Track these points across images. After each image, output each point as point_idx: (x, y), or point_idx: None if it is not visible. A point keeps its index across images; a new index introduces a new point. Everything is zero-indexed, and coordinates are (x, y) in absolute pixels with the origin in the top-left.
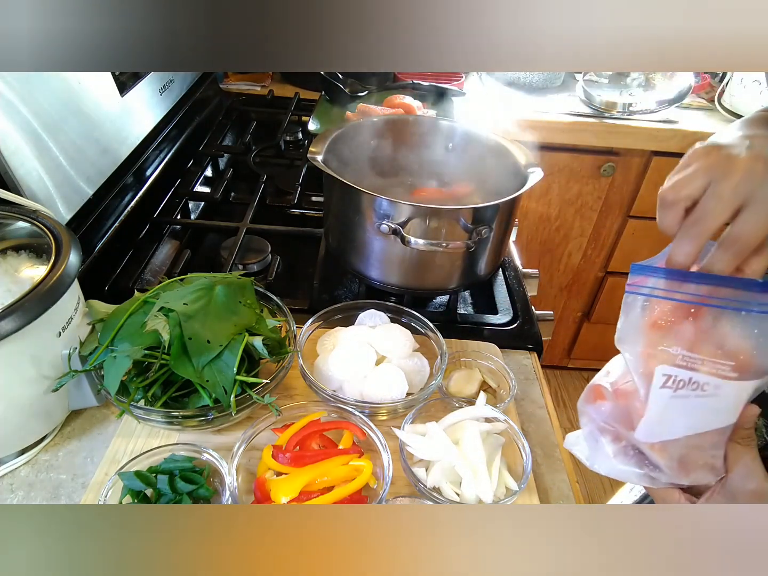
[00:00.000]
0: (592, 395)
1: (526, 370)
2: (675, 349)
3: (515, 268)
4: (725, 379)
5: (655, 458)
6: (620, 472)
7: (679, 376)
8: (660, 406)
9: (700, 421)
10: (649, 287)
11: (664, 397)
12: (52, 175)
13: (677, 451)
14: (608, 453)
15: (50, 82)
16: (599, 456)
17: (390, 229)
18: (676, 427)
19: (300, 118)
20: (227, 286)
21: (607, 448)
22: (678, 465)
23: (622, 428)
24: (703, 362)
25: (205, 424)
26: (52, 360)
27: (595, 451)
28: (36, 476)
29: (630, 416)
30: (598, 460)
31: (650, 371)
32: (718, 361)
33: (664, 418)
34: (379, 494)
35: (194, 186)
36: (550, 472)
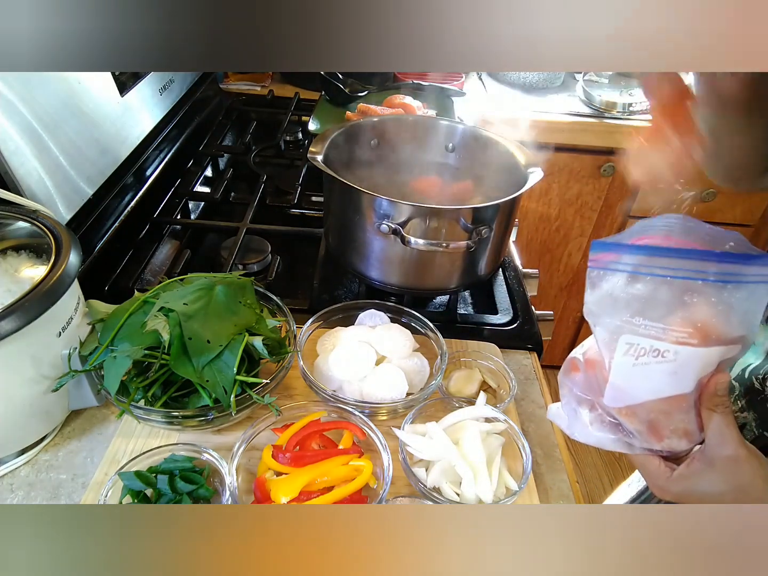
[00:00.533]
0: (570, 367)
1: (526, 370)
2: (637, 319)
3: (515, 268)
4: (685, 345)
5: (626, 424)
6: (597, 438)
7: (641, 344)
8: (622, 373)
9: (661, 386)
10: (611, 262)
11: (626, 365)
12: (52, 175)
13: (645, 416)
14: (585, 421)
15: (50, 82)
16: (577, 425)
17: (390, 229)
18: (638, 391)
19: (300, 118)
20: (227, 286)
21: (584, 417)
22: (648, 430)
23: (594, 396)
24: (665, 331)
25: (205, 424)
26: (52, 360)
27: (574, 420)
28: (36, 476)
29: (599, 384)
30: (577, 428)
31: (615, 341)
32: (677, 329)
33: (626, 384)
34: (379, 494)
35: (194, 186)
36: (550, 472)
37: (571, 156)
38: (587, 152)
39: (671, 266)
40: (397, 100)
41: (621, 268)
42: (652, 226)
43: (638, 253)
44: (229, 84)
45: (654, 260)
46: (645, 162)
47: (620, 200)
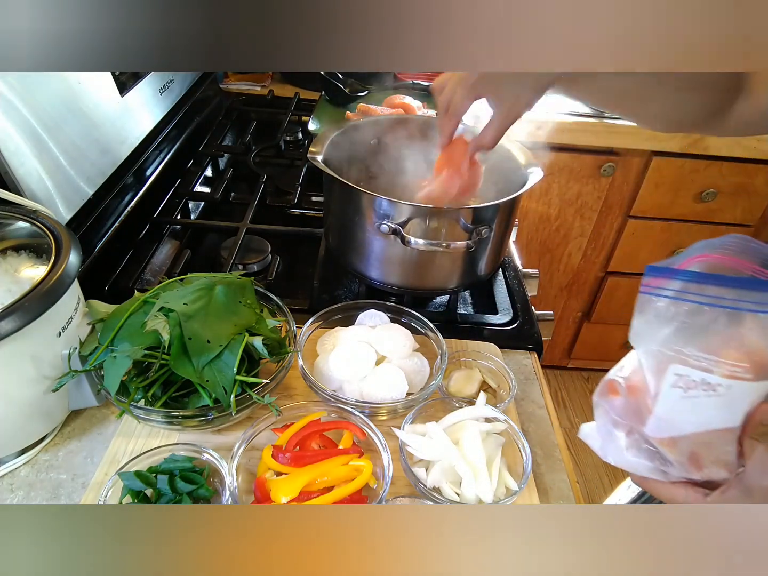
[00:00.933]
0: (607, 389)
1: (526, 370)
2: (689, 349)
3: (515, 268)
4: (739, 380)
5: (665, 453)
6: (632, 464)
7: (691, 376)
8: (669, 405)
9: (709, 419)
10: (664, 288)
11: (675, 397)
12: (52, 175)
13: (687, 447)
14: (621, 445)
15: (50, 82)
16: (611, 448)
17: (390, 229)
18: (684, 424)
19: (300, 118)
20: (227, 286)
21: (619, 441)
22: (688, 460)
23: (634, 423)
24: (718, 363)
25: (205, 424)
26: (52, 360)
27: (608, 442)
28: (36, 476)
29: (641, 411)
30: (610, 451)
31: (663, 370)
32: (732, 362)
33: (673, 416)
34: (379, 494)
35: (194, 186)
36: (550, 472)
37: (571, 156)
38: (587, 152)
39: (729, 296)
40: (397, 100)
41: (674, 295)
42: (712, 245)
43: (694, 280)
44: (229, 84)
45: (710, 289)
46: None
47: (620, 200)
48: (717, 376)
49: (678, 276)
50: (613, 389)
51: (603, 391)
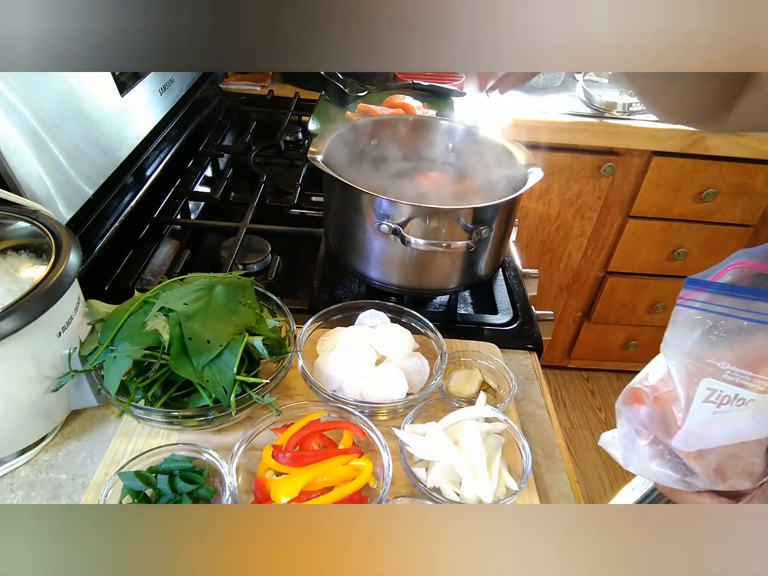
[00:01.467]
0: (631, 397)
1: (526, 370)
2: (723, 363)
3: (515, 268)
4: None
5: (691, 465)
6: (655, 474)
7: (724, 391)
8: (700, 419)
9: (740, 433)
10: (700, 301)
11: (706, 412)
12: (52, 175)
13: (714, 459)
14: (644, 455)
15: (50, 82)
16: (634, 457)
17: (390, 229)
18: (714, 437)
19: (300, 118)
20: (227, 286)
21: (643, 451)
22: (714, 472)
23: (659, 433)
24: (752, 379)
25: (205, 424)
26: (52, 360)
27: (631, 452)
28: (36, 476)
29: (668, 422)
30: (633, 460)
31: (694, 383)
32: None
33: (703, 430)
34: (379, 494)
35: (194, 186)
36: (550, 472)
37: (571, 156)
38: (587, 152)
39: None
40: (397, 100)
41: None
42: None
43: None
44: (229, 84)
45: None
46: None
47: (620, 200)
48: (751, 391)
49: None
50: (638, 398)
51: (627, 399)
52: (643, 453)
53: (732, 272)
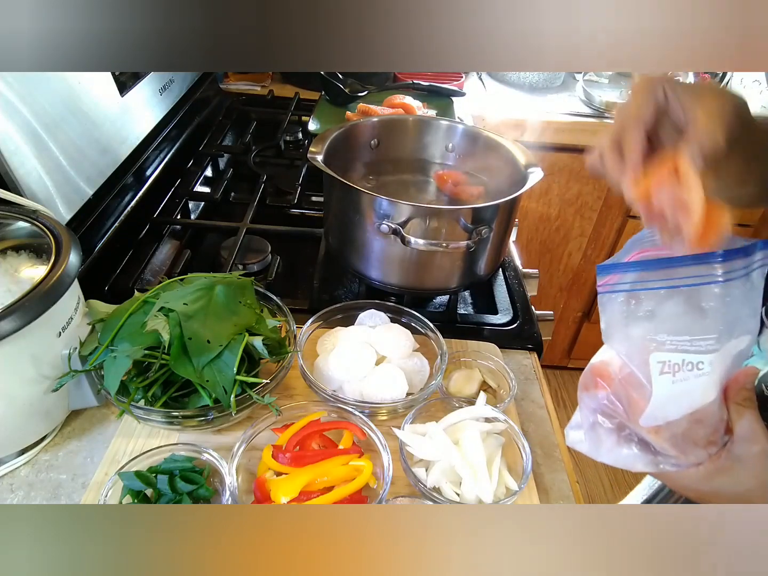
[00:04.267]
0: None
1: (526, 370)
2: (661, 336)
3: (515, 268)
4: (714, 353)
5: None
6: (626, 460)
7: (672, 359)
8: (664, 393)
9: (699, 397)
10: (619, 283)
11: (666, 384)
12: (52, 175)
13: (680, 428)
14: (612, 443)
15: (50, 82)
16: (603, 448)
17: (390, 229)
18: (679, 407)
19: (300, 118)
20: (227, 286)
21: (611, 438)
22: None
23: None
24: (691, 342)
25: (205, 424)
26: (52, 360)
27: (598, 443)
28: (36, 476)
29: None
30: (603, 452)
31: (645, 361)
32: (702, 337)
33: (668, 402)
34: (379, 494)
35: (194, 186)
36: (550, 472)
37: (571, 156)
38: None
39: (680, 276)
40: (397, 100)
41: (628, 287)
42: (641, 240)
43: (642, 269)
44: (229, 84)
45: (659, 273)
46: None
47: (620, 200)
48: (696, 354)
49: (628, 269)
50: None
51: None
52: (611, 440)
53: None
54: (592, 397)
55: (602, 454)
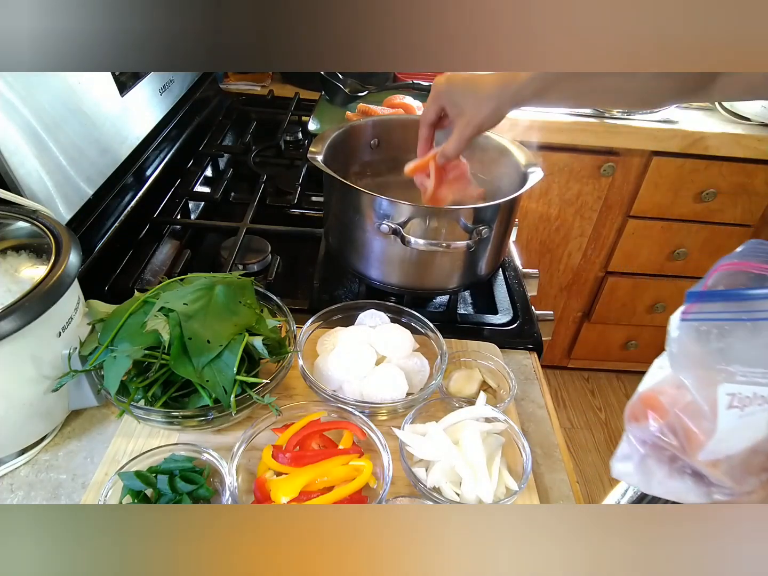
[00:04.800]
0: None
1: (526, 370)
2: (734, 366)
3: (515, 268)
4: None
5: (715, 475)
6: (678, 491)
7: (742, 392)
8: (729, 427)
9: (763, 431)
10: (704, 312)
11: (733, 418)
12: (52, 175)
13: (737, 460)
14: (663, 475)
15: (50, 82)
16: (653, 480)
17: (390, 229)
18: (741, 441)
19: (300, 118)
20: (227, 286)
21: (662, 470)
22: (738, 473)
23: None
24: (764, 375)
25: (205, 424)
26: (52, 360)
27: (649, 474)
28: (36, 476)
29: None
30: (653, 484)
31: (712, 392)
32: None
33: (732, 437)
34: (379, 494)
35: (194, 186)
36: (550, 472)
37: (571, 156)
38: (587, 152)
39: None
40: (397, 100)
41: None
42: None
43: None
44: (229, 84)
45: (745, 304)
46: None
47: (620, 200)
48: (766, 386)
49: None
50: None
51: (634, 416)
52: (663, 472)
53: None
54: (642, 428)
55: (653, 486)
